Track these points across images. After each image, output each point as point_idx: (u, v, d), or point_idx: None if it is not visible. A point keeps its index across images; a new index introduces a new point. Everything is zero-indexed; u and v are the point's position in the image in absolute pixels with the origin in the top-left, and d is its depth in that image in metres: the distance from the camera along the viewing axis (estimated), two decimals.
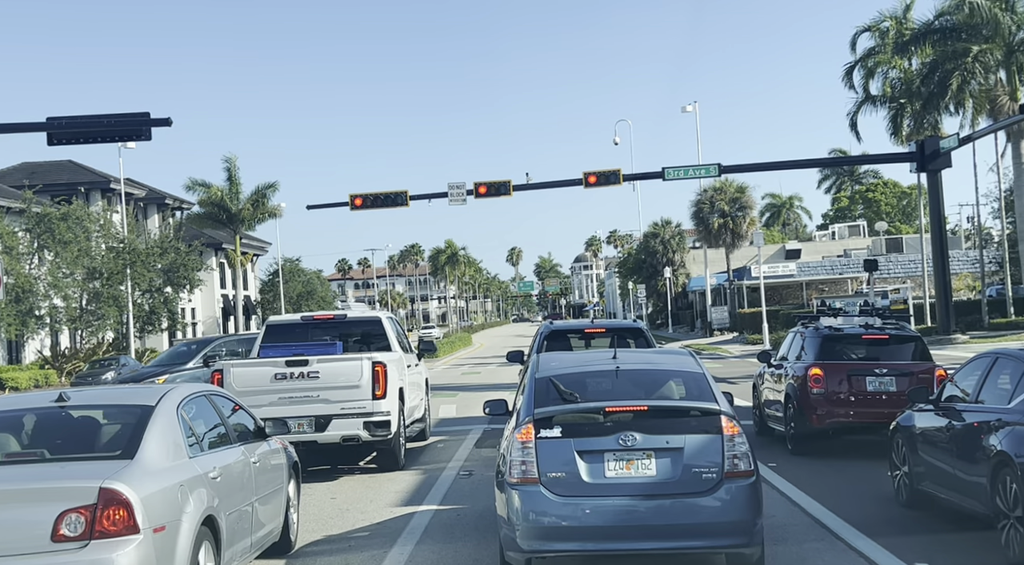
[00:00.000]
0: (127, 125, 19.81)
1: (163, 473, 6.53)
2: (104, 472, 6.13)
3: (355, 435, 12.88)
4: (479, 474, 12.73)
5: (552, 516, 6.88)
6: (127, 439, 6.69)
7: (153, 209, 65.17)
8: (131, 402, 7.31)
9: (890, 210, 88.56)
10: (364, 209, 39.32)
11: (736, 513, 6.87)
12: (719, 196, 55.55)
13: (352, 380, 12.87)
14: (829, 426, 13.25)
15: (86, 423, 7.18)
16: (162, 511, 6.25)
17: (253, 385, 12.71)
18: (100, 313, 46.27)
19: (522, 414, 7.33)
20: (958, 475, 8.42)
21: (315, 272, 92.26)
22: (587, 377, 7.85)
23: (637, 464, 6.95)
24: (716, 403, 7.24)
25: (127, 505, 5.95)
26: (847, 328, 13.83)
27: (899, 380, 12.88)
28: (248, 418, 8.65)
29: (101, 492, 5.93)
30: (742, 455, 6.97)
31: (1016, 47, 34.94)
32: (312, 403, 12.80)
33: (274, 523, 8.52)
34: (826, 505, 9.99)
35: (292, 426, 12.12)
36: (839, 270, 63.20)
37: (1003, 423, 7.74)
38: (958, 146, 35.28)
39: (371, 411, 12.87)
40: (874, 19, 42.58)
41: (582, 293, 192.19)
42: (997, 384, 8.38)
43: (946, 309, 36.38)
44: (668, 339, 57.07)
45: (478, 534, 9.28)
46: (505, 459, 7.23)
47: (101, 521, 5.89)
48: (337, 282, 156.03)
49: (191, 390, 7.84)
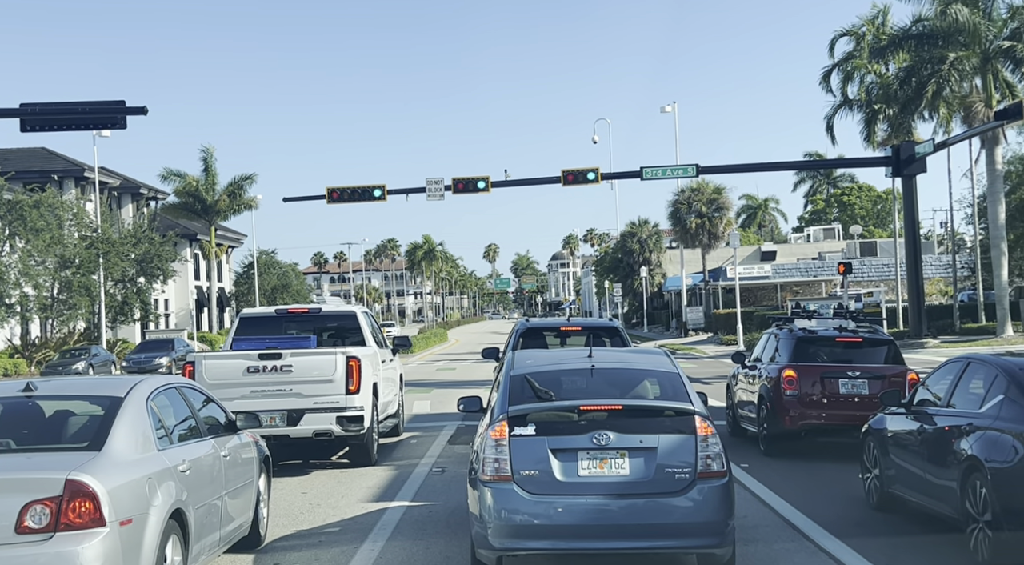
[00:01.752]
0: (102, 113, 19.58)
1: (131, 465, 6.43)
2: (71, 463, 6.03)
3: (328, 430, 12.78)
4: (452, 471, 12.70)
5: (524, 514, 6.85)
6: (95, 430, 6.59)
7: (127, 198, 64.55)
8: (100, 393, 7.19)
9: (864, 214, 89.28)
10: (341, 203, 39.18)
11: (708, 514, 6.87)
12: (696, 197, 55.81)
13: (325, 374, 12.75)
14: (801, 427, 13.30)
15: (53, 414, 7.06)
16: (129, 504, 6.16)
17: (225, 378, 12.61)
18: (72, 303, 45.79)
19: (496, 411, 7.31)
20: (928, 479, 8.45)
21: (291, 265, 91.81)
22: (562, 375, 7.81)
23: (610, 463, 6.94)
24: (690, 403, 7.24)
25: (93, 497, 5.86)
26: (821, 330, 13.90)
27: (871, 383, 12.98)
28: (219, 411, 8.56)
29: (67, 484, 5.84)
30: (715, 456, 6.97)
31: (992, 54, 35.28)
32: (285, 397, 12.69)
33: (244, 517, 8.44)
34: (797, 506, 10.02)
35: (264, 420, 11.90)
36: (814, 272, 63.67)
37: (974, 427, 7.78)
38: (933, 152, 35.61)
39: (344, 406, 12.77)
40: (853, 24, 43.00)
41: (558, 291, 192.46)
42: (969, 389, 8.40)
43: (918, 313, 36.72)
44: (643, 338, 57.23)
45: (449, 531, 9.25)
46: (478, 456, 7.21)
47: (67, 513, 5.81)
48: (313, 276, 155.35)
49: (161, 382, 7.70)
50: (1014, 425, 7.33)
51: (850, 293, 42.71)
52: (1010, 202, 39.79)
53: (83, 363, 37.00)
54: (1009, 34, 35.23)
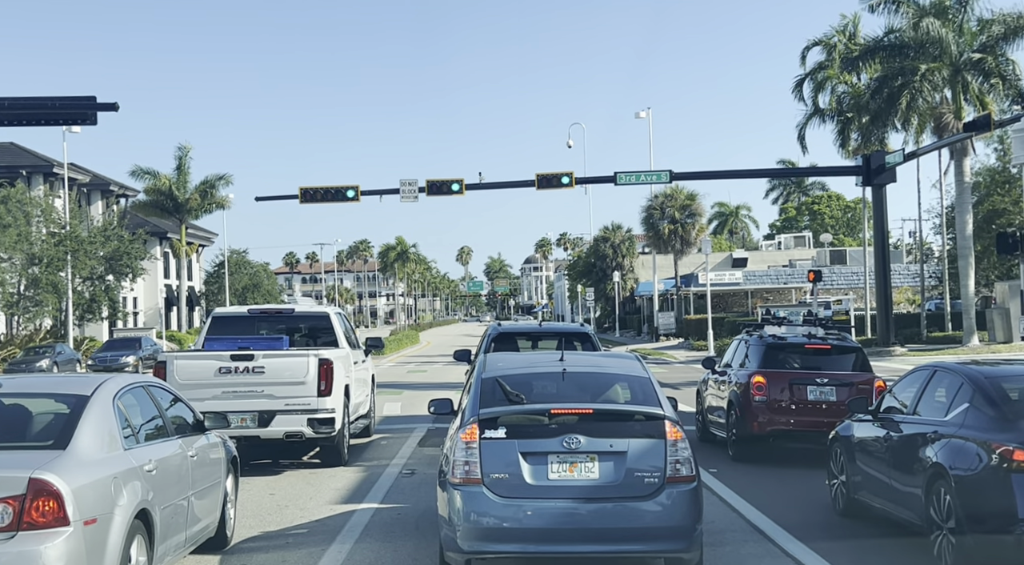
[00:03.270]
0: (73, 109, 19.36)
1: (96, 465, 6.37)
2: (34, 462, 5.97)
3: (299, 432, 12.75)
4: (421, 473, 12.67)
5: (493, 517, 6.83)
6: (60, 429, 6.52)
7: (97, 195, 63.88)
8: (65, 391, 7.12)
9: (834, 222, 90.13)
10: (314, 202, 39.00)
11: (677, 518, 6.88)
12: (670, 202, 56.04)
13: (298, 376, 12.70)
14: (770, 433, 13.38)
15: (17, 411, 6.97)
16: (94, 503, 6.10)
17: (196, 378, 12.54)
18: (38, 299, 45.24)
19: (467, 414, 7.28)
20: (894, 485, 8.53)
21: (262, 265, 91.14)
22: (533, 379, 7.81)
23: (580, 467, 6.93)
24: (660, 408, 7.25)
25: (57, 496, 5.81)
26: (790, 337, 13.99)
27: (839, 390, 13.10)
28: (187, 411, 8.53)
29: (30, 482, 5.79)
30: (684, 460, 6.98)
31: (962, 66, 35.72)
32: (256, 398, 12.63)
33: (210, 518, 8.39)
34: (764, 511, 10.09)
35: (235, 421, 12.07)
36: (784, 280, 64.15)
37: (939, 435, 7.86)
38: (903, 161, 36.00)
39: (316, 408, 12.72)
40: (825, 33, 43.35)
41: (531, 294, 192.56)
42: (934, 397, 8.47)
43: (886, 321, 37.09)
44: (615, 343, 57.39)
45: (418, 533, 9.23)
46: (448, 459, 7.18)
47: (30, 512, 5.76)
48: (284, 276, 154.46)
49: (128, 380, 7.64)
50: (978, 433, 7.43)
51: (819, 300, 43.09)
52: (977, 213, 40.32)
53: (47, 361, 36.55)
54: (979, 47, 35.69)
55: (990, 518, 7.03)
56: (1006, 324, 36.90)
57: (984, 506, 7.10)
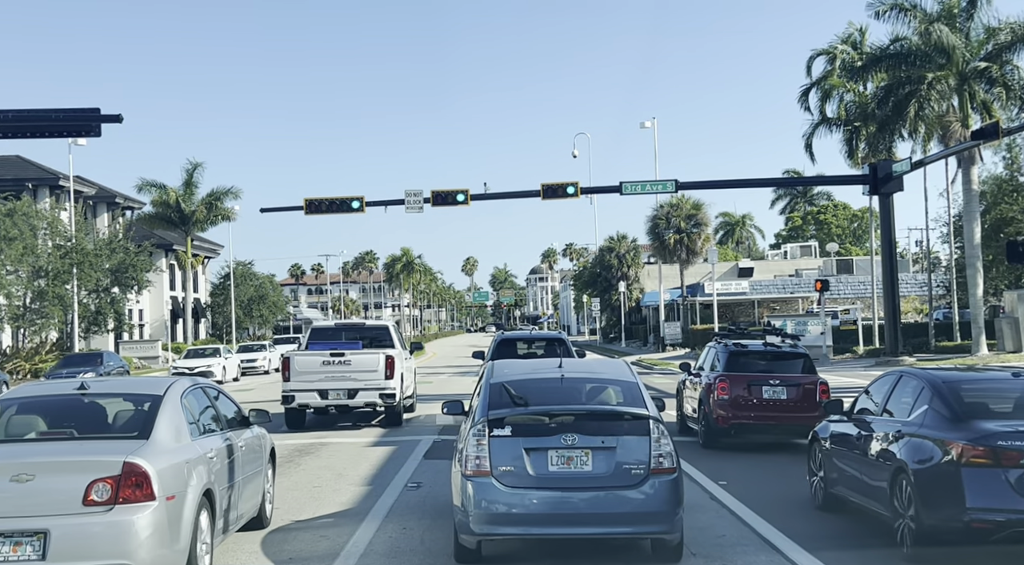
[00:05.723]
0: (76, 120, 19.31)
1: (172, 452, 7.61)
2: (126, 449, 7.20)
3: (373, 402, 19.20)
4: (428, 487, 12.52)
5: (501, 504, 7.75)
6: (142, 422, 7.76)
7: (103, 208, 63.97)
8: (142, 391, 8.37)
9: (840, 232, 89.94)
10: (319, 213, 38.90)
11: (660, 504, 7.78)
12: (675, 212, 55.92)
13: (372, 366, 18.99)
14: (732, 426, 15.51)
15: (106, 408, 8.22)
16: (172, 483, 7.31)
17: (308, 368, 18.98)
18: (44, 312, 45.22)
19: (477, 415, 8.20)
20: (865, 480, 9.29)
21: (267, 276, 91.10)
22: (535, 383, 8.71)
23: (576, 460, 7.84)
24: (646, 409, 8.16)
25: (146, 477, 7.01)
26: (750, 345, 16.34)
27: (789, 390, 15.42)
28: (234, 408, 9.77)
29: (124, 465, 6.98)
30: (667, 454, 7.89)
31: (969, 75, 35.59)
32: (346, 381, 19.00)
33: (255, 500, 9.66)
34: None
35: (332, 395, 19.04)
36: (791, 289, 63.93)
37: (902, 434, 8.68)
38: (911, 170, 35.82)
39: (383, 387, 19.03)
40: (830, 43, 43.28)
41: (536, 305, 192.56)
42: (900, 400, 9.26)
43: (895, 331, 36.85)
44: (621, 353, 57.19)
45: (424, 548, 9.12)
46: (462, 454, 8.06)
47: (124, 489, 6.94)
48: (290, 287, 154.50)
49: (190, 383, 8.90)
50: (935, 432, 8.25)
51: (827, 310, 42.90)
52: (984, 222, 40.11)
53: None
54: (985, 55, 35.56)
55: (943, 506, 7.84)
56: (1015, 333, 36.67)
57: (938, 496, 7.91)
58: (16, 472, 6.92)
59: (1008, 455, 7.64)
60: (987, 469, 7.66)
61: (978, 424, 8.00)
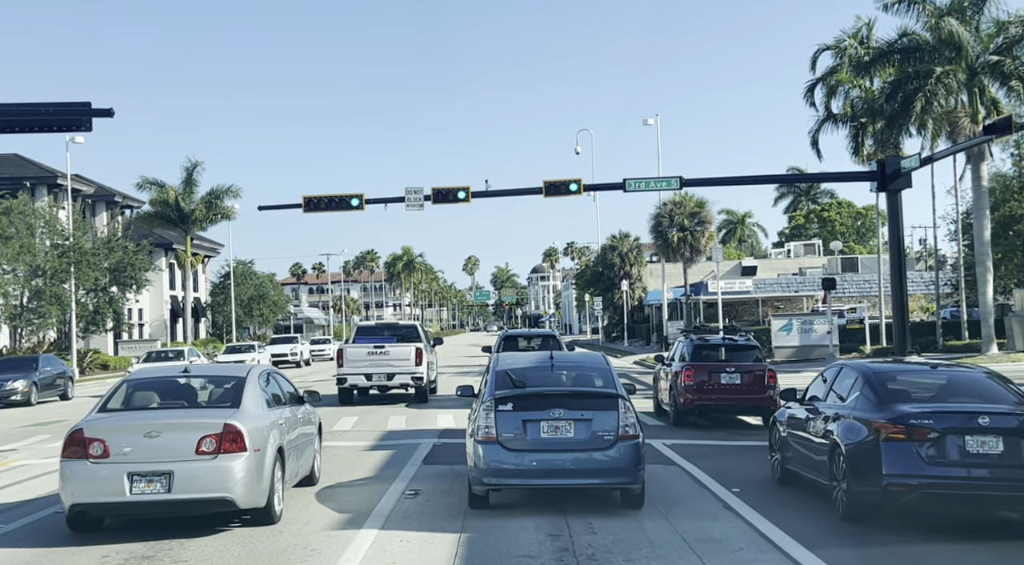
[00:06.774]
0: (67, 115, 18.75)
1: (256, 418, 10.30)
2: (225, 415, 9.95)
3: (407, 383, 25.15)
4: (426, 494, 12.08)
5: (504, 462, 10.22)
6: (232, 396, 10.59)
7: (101, 206, 63.50)
8: (230, 374, 11.25)
9: (844, 230, 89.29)
10: (318, 211, 38.24)
11: (626, 462, 10.26)
12: (678, 210, 55.35)
13: (405, 356, 25.01)
14: (695, 407, 18.80)
15: (206, 385, 11.13)
16: (258, 440, 10.02)
17: (357, 357, 24.98)
18: (41, 312, 44.75)
19: (486, 395, 10.81)
20: (811, 457, 11.06)
21: (268, 275, 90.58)
22: (531, 371, 11.33)
23: (562, 429, 10.34)
24: (616, 389, 10.77)
25: (240, 434, 9.72)
26: (712, 339, 19.68)
27: (743, 376, 18.64)
28: (291, 388, 12.39)
29: (225, 426, 9.71)
30: (631, 424, 10.40)
31: (979, 69, 35.03)
32: (385, 367, 24.97)
33: (308, 462, 12.32)
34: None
35: (375, 378, 24.98)
36: (794, 288, 63.38)
37: (839, 416, 10.45)
38: (920, 166, 35.14)
39: (414, 372, 25.01)
40: (836, 38, 42.69)
41: (538, 304, 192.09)
42: (841, 387, 10.95)
43: (902, 330, 36.20)
44: (623, 352, 56.65)
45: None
46: (474, 424, 10.61)
47: (225, 443, 9.64)
48: (291, 286, 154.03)
49: (262, 368, 11.73)
50: (863, 414, 9.95)
51: (833, 309, 42.35)
52: (994, 219, 39.56)
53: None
54: (995, 49, 34.99)
55: (867, 475, 9.49)
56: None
57: (863, 466, 9.57)
58: (148, 430, 9.64)
59: (919, 431, 9.21)
60: (902, 443, 9.24)
61: (897, 407, 9.60)
